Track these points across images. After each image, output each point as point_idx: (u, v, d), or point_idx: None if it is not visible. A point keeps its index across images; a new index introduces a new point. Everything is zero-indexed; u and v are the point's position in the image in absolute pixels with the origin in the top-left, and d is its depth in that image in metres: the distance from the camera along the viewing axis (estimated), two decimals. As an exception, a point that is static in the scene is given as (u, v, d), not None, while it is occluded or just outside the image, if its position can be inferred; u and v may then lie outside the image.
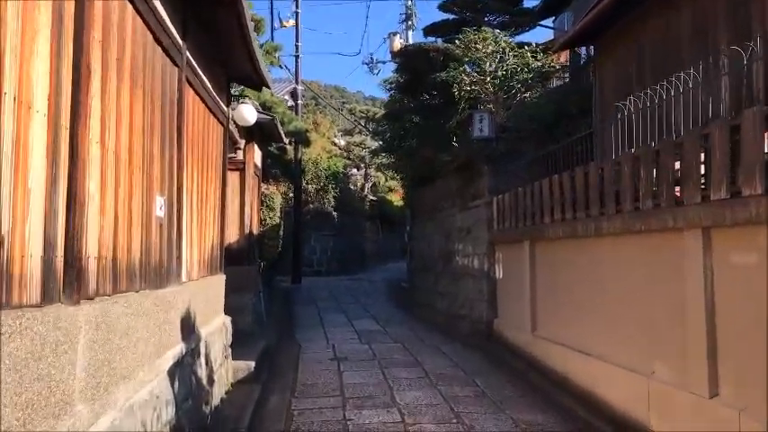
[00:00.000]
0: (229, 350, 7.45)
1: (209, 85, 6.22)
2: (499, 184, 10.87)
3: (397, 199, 36.37)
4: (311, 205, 24.30)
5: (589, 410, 6.33)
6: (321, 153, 26.16)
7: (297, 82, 20.72)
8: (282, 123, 16.39)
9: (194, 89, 5.55)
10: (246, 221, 10.49)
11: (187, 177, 5.32)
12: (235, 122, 9.55)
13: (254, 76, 7.39)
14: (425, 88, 13.71)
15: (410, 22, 23.96)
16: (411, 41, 22.49)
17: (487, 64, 11.65)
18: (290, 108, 18.93)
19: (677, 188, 5.40)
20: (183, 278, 5.12)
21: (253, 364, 7.80)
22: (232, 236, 10.44)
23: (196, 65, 5.56)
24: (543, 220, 8.40)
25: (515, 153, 10.94)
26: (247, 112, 8.32)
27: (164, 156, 4.45)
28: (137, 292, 3.77)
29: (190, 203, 5.50)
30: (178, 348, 4.67)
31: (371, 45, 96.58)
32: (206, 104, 6.17)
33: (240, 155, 10.32)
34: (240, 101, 8.39)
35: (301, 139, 17.34)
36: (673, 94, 6.75)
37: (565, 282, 7.71)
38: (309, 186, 24.26)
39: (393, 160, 18.25)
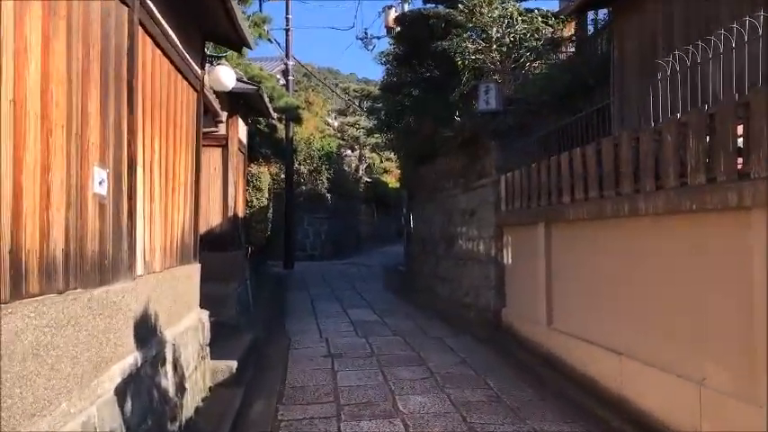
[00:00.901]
0: (207, 350, 6.52)
1: (177, 41, 5.23)
2: (507, 162, 9.93)
3: (392, 181, 35.44)
4: (304, 187, 23.34)
5: (623, 420, 5.44)
6: (314, 133, 25.12)
7: (287, 57, 19.64)
8: (272, 99, 15.37)
9: (154, 40, 4.56)
10: (230, 203, 9.52)
11: (144, 147, 4.35)
12: (214, 92, 8.55)
13: (232, 34, 6.39)
14: (425, 59, 12.69)
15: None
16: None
17: (494, 30, 10.62)
18: (282, 86, 17.87)
19: (739, 159, 4.47)
20: (140, 271, 4.17)
21: (235, 364, 6.87)
22: (213, 219, 9.49)
23: (158, 12, 4.57)
24: (562, 199, 7.47)
25: (525, 128, 9.98)
26: (224, 75, 7.29)
27: (105, 116, 3.47)
28: (59, 293, 2.82)
29: (149, 180, 4.53)
30: (130, 360, 3.73)
31: (366, 21, 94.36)
32: (172, 62, 5.19)
33: (222, 129, 9.33)
34: (216, 62, 7.35)
35: (292, 115, 16.32)
36: (711, 55, 5.79)
37: (589, 269, 6.79)
38: (302, 167, 23.28)
39: (389, 138, 17.27)
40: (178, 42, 5.26)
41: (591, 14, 11.01)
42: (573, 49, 12.36)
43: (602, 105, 8.61)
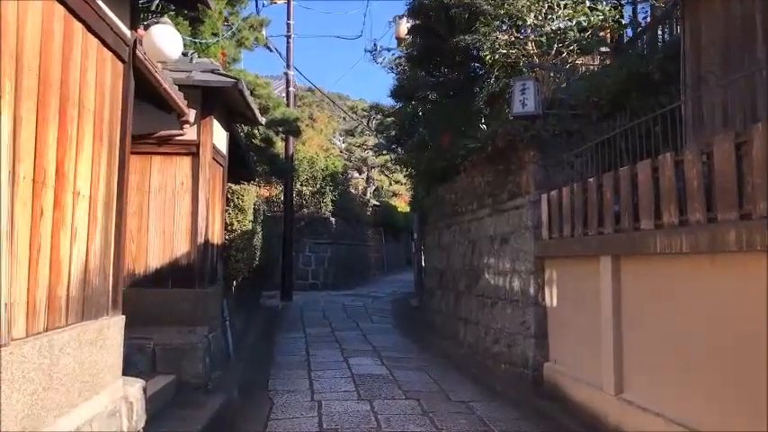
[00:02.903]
0: (137, 440, 4.46)
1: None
2: (549, 177, 7.95)
3: (401, 204, 33.54)
4: (306, 210, 21.38)
5: None
6: (318, 151, 23.25)
7: (288, 66, 17.79)
8: (266, 109, 13.50)
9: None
10: (200, 226, 7.52)
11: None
12: (180, 86, 6.62)
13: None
14: (444, 59, 10.75)
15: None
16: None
17: (530, 17, 8.67)
18: (281, 98, 16.00)
19: None
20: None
21: (182, 457, 4.82)
22: (178, 247, 7.49)
23: None
24: (639, 224, 5.44)
25: (570, 136, 7.99)
26: (163, 39, 5.18)
27: None
28: None
29: (12, 191, 2.55)
30: None
31: (375, 32, 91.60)
32: (66, 5, 3.23)
33: (191, 133, 7.38)
34: (156, 20, 5.28)
35: (291, 128, 14.39)
36: None
37: (690, 322, 4.73)
38: (304, 189, 21.34)
39: (400, 155, 15.33)
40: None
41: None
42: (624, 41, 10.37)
43: (674, 106, 6.60)
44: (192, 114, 6.83)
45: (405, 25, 20.81)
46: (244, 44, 14.21)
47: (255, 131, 15.07)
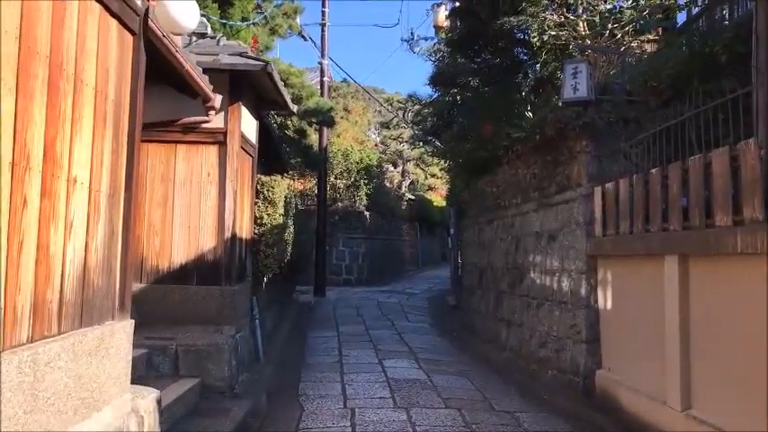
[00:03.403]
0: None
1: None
2: (603, 169, 7.31)
3: (437, 199, 32.90)
4: (340, 204, 20.92)
5: None
6: (352, 144, 22.76)
7: (323, 56, 17.30)
8: (299, 99, 13.06)
9: None
10: (228, 220, 7.07)
11: None
12: (206, 69, 6.16)
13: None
14: (487, 43, 10.11)
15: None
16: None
17: (582, -6, 8.01)
18: (315, 87, 15.52)
19: None
20: None
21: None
22: (204, 242, 7.06)
23: None
24: (713, 220, 4.80)
25: (626, 124, 7.33)
26: (178, 8, 4.69)
27: None
28: None
29: None
30: None
31: (413, 21, 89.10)
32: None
33: (218, 121, 6.92)
34: None
35: (325, 118, 13.90)
36: None
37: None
38: (338, 182, 20.88)
39: (438, 146, 14.72)
40: None
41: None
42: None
43: (742, 92, 5.90)
44: (218, 100, 6.35)
45: (443, 13, 20.24)
46: (277, 32, 13.78)
47: (288, 122, 14.65)
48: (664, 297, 5.50)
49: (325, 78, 17.19)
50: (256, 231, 8.21)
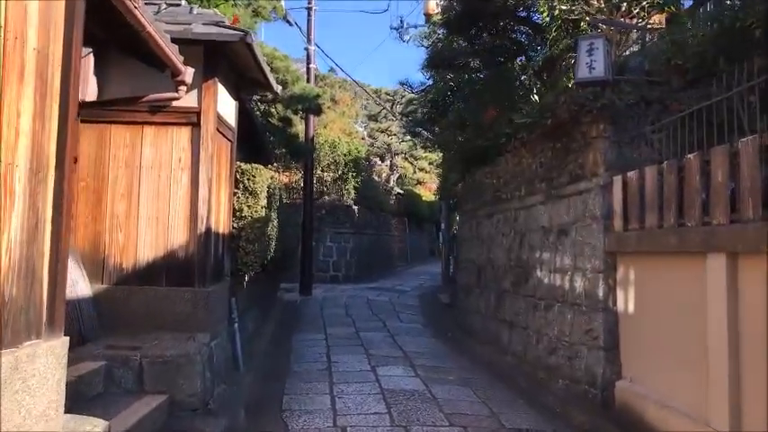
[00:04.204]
0: None
1: None
2: (623, 156, 6.56)
3: (426, 193, 32.21)
4: (327, 197, 20.09)
5: None
6: (340, 135, 21.89)
7: (309, 41, 16.44)
8: (285, 84, 12.19)
9: None
10: (201, 212, 6.24)
11: None
12: (175, 39, 5.32)
13: None
14: (487, 23, 9.30)
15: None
16: None
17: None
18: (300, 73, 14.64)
19: None
20: None
21: None
22: (174, 237, 6.23)
23: None
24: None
25: (647, 106, 6.58)
26: None
27: None
28: None
29: None
30: None
31: (402, 10, 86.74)
32: None
33: (190, 99, 6.07)
34: None
35: (312, 106, 13.04)
36: None
37: None
38: (325, 175, 20.05)
39: (430, 136, 13.94)
40: None
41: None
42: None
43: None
44: (189, 73, 5.51)
45: (434, 0, 19.46)
46: (260, 13, 12.91)
47: (273, 110, 13.80)
48: (706, 300, 4.76)
49: (312, 65, 16.33)
50: (235, 225, 7.38)
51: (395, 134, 31.07)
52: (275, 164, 17.11)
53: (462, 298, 11.74)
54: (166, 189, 6.24)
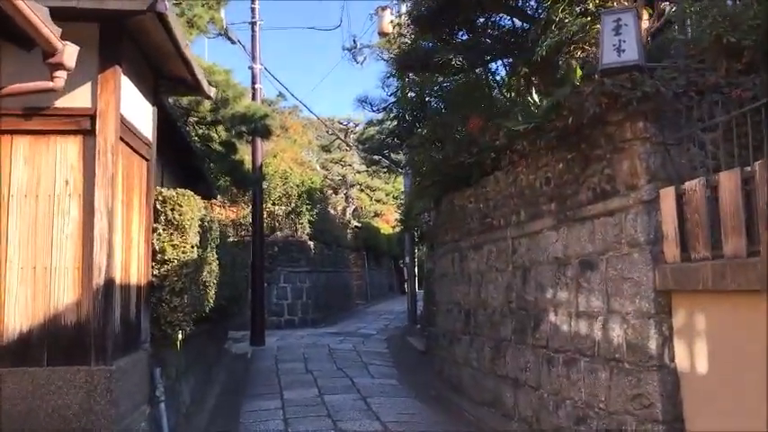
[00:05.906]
0: None
1: None
2: (672, 162, 4.99)
3: (384, 225, 30.61)
4: (279, 233, 18.22)
5: None
6: (291, 165, 20.11)
7: (254, 59, 14.71)
8: (225, 102, 10.45)
9: None
10: (99, 257, 4.36)
11: None
12: (59, 15, 3.53)
13: None
14: (466, 16, 7.72)
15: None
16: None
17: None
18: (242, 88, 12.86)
19: None
20: None
21: None
22: (60, 292, 4.33)
23: None
24: None
25: (700, 96, 5.04)
26: None
27: None
28: None
29: None
30: None
31: (354, 28, 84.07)
32: None
33: (80, 97, 4.25)
34: None
35: (258, 127, 11.24)
36: None
37: None
38: (276, 208, 18.20)
39: (393, 161, 12.27)
40: None
41: None
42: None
43: None
44: (69, 53, 3.71)
45: (389, 17, 18.02)
46: (197, 24, 11.20)
47: (213, 134, 11.97)
48: None
49: (258, 85, 14.57)
50: (156, 272, 5.48)
51: (349, 164, 29.48)
52: (219, 197, 15.24)
53: (444, 345, 9.94)
54: (48, 225, 4.36)
